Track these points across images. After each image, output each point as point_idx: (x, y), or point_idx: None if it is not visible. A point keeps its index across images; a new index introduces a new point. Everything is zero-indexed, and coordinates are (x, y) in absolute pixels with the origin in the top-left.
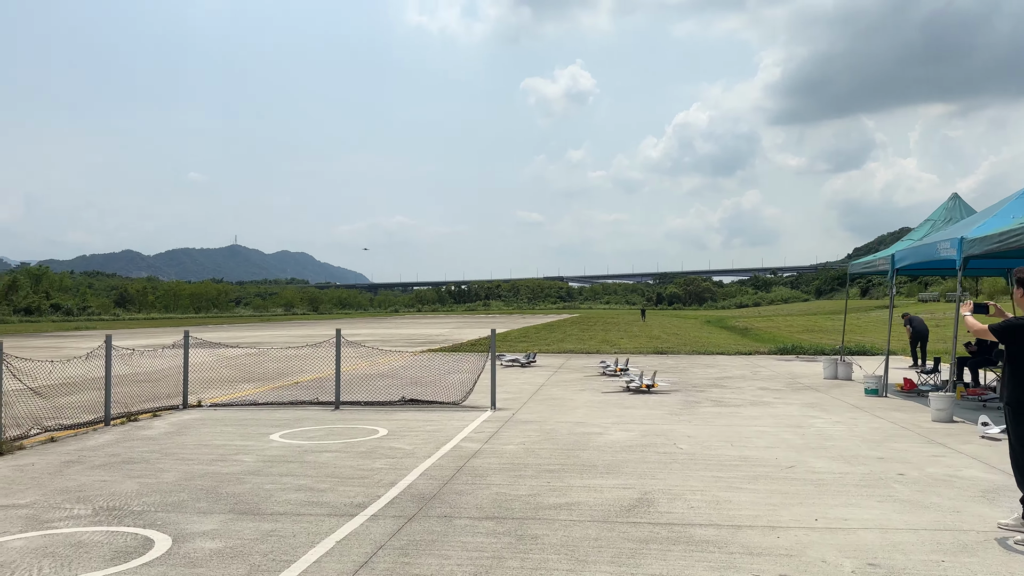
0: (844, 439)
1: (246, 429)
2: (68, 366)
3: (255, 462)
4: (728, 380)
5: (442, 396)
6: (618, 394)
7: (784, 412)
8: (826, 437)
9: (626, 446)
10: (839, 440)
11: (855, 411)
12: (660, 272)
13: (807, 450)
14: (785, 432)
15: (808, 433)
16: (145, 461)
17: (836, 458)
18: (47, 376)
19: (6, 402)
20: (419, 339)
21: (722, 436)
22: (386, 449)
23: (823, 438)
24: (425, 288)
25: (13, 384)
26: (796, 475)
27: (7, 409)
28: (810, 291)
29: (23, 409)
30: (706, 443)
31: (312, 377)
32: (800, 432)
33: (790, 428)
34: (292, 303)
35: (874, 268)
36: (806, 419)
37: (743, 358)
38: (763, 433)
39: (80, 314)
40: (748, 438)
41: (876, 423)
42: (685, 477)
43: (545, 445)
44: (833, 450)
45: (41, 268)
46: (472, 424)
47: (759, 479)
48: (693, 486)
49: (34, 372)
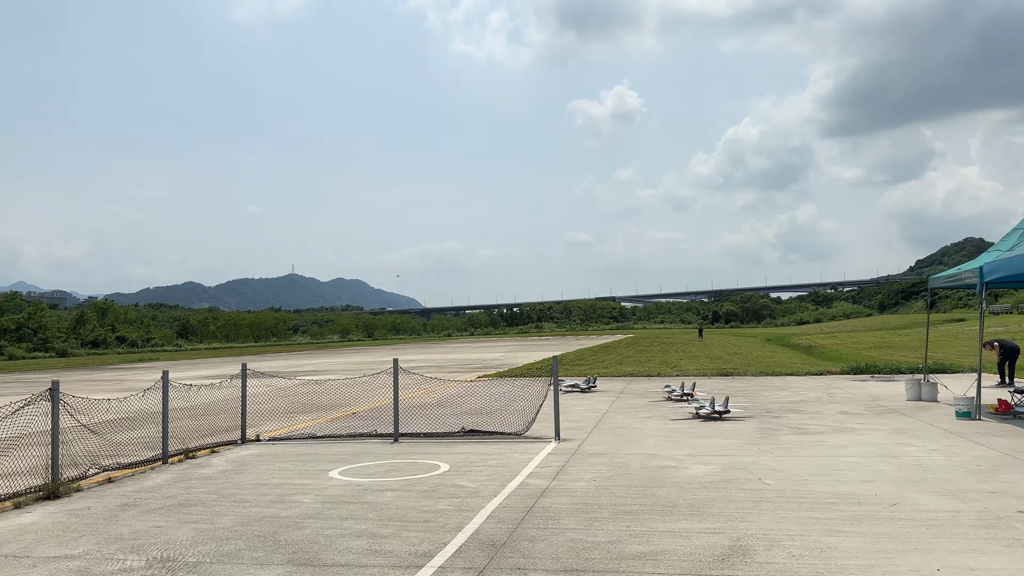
0: (946, 470)
1: (304, 465)
2: (128, 400)
3: (314, 503)
4: (804, 404)
5: (503, 426)
6: (688, 421)
7: (872, 439)
8: (925, 468)
9: (707, 482)
10: (941, 471)
11: (950, 437)
12: (715, 289)
13: (908, 484)
14: (879, 463)
15: (904, 463)
16: (201, 504)
17: (943, 493)
18: (106, 412)
19: (64, 440)
20: (474, 364)
21: (811, 469)
22: (449, 487)
23: (922, 469)
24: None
25: (71, 422)
26: (902, 514)
27: (65, 448)
28: (873, 306)
29: (82, 448)
30: (794, 477)
31: (369, 407)
32: (895, 462)
33: (883, 458)
34: (348, 330)
35: (959, 282)
36: (898, 447)
37: (815, 379)
38: (855, 464)
39: (144, 346)
40: (839, 470)
41: (977, 450)
42: (778, 519)
43: (618, 482)
44: (937, 483)
45: (107, 302)
46: (537, 457)
47: (862, 520)
48: (789, 529)
49: (93, 409)
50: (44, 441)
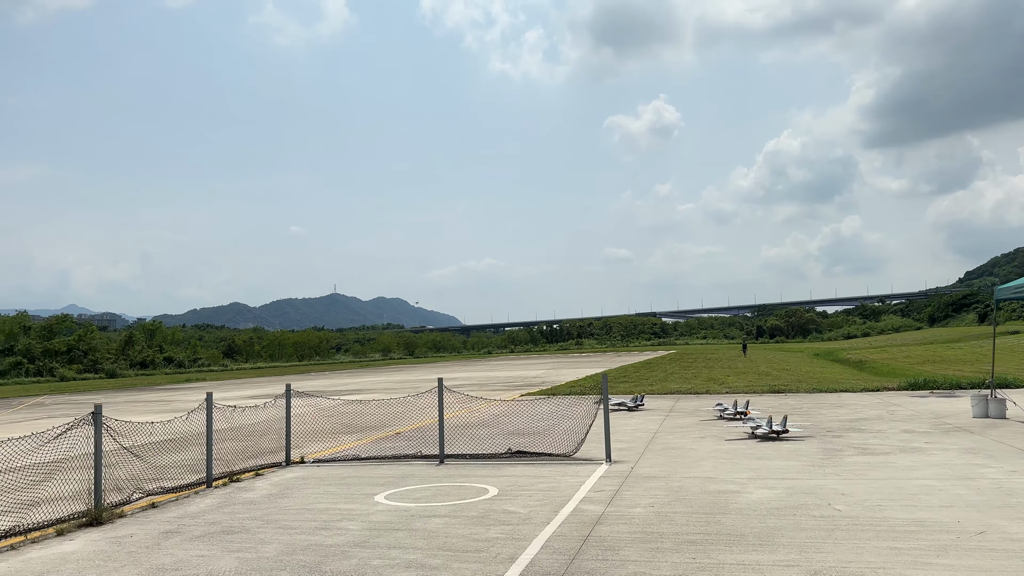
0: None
1: (350, 489)
2: (172, 422)
3: (360, 530)
4: (864, 422)
5: (551, 447)
6: (744, 441)
7: (944, 460)
8: (1008, 492)
9: (773, 508)
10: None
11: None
12: (758, 304)
13: (991, 509)
14: (955, 485)
15: (983, 487)
16: (245, 530)
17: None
18: (150, 434)
19: (108, 463)
20: (516, 382)
21: (883, 493)
22: (499, 513)
23: (1005, 493)
24: (517, 328)
25: (114, 445)
26: (992, 544)
27: (109, 472)
28: (922, 319)
29: (125, 471)
30: (867, 502)
31: (413, 427)
32: (973, 486)
33: (959, 480)
34: (389, 348)
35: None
36: (973, 468)
37: (871, 395)
38: (930, 488)
39: (191, 366)
40: (914, 495)
41: None
42: (857, 550)
43: (678, 508)
44: (1023, 508)
45: (155, 323)
46: (589, 481)
47: (948, 551)
48: (871, 562)
49: (137, 432)
50: (88, 464)
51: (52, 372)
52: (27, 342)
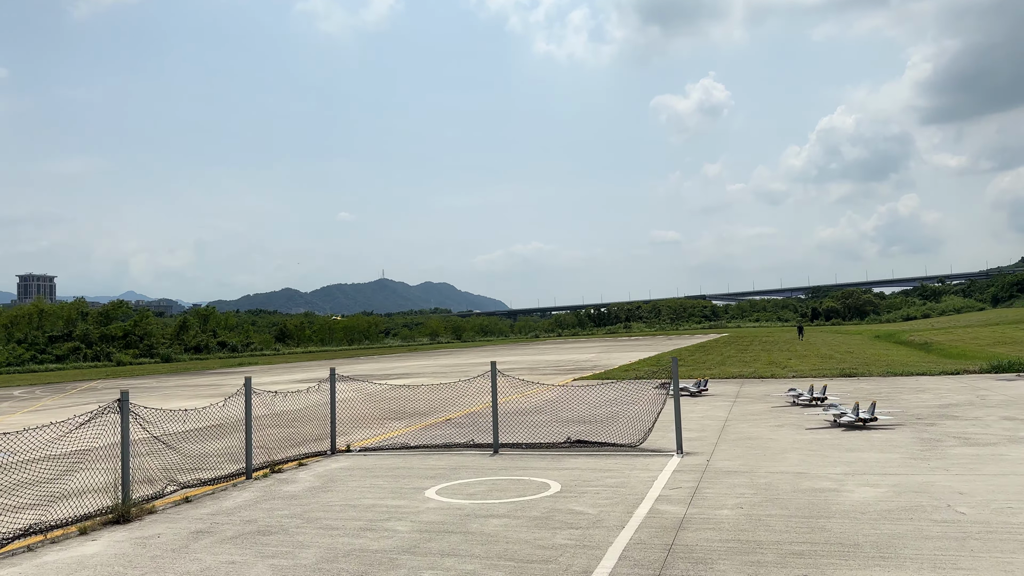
0: None
1: (398, 482)
2: (212, 408)
3: (410, 532)
4: (955, 408)
5: (614, 436)
6: (827, 430)
7: None
8: None
9: (883, 511)
10: None
11: None
12: (812, 286)
13: None
14: None
15: None
16: (283, 531)
17: None
18: (185, 422)
19: (139, 453)
20: (567, 365)
21: (1008, 492)
22: (565, 514)
23: None
24: (564, 312)
25: (147, 434)
26: None
27: (141, 462)
28: (985, 299)
29: (160, 462)
30: (993, 504)
31: (464, 412)
32: None
33: None
34: (437, 332)
35: None
36: None
37: (953, 379)
38: None
39: (244, 350)
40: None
41: None
42: (1002, 567)
43: (771, 509)
44: None
45: (208, 308)
46: (662, 475)
47: None
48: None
49: (171, 419)
50: (118, 454)
51: (109, 357)
52: (85, 327)
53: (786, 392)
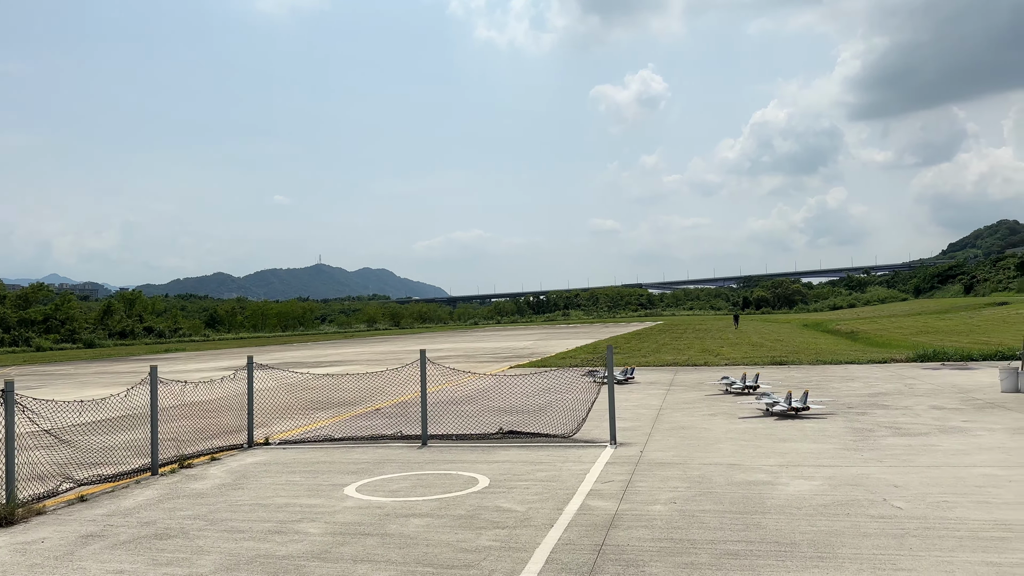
0: None
1: (316, 478)
2: (126, 397)
3: (322, 535)
4: (885, 397)
5: (547, 426)
6: (760, 420)
7: (994, 443)
8: None
9: (819, 505)
10: None
11: None
12: (744, 275)
13: None
14: (1023, 474)
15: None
16: (183, 534)
17: None
18: (99, 411)
19: (30, 446)
20: (504, 353)
21: (943, 485)
22: (492, 511)
23: None
24: (503, 300)
25: (45, 425)
26: None
27: (32, 456)
28: (908, 290)
29: (56, 457)
30: (929, 498)
31: (393, 401)
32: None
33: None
34: (374, 319)
35: None
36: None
37: (880, 368)
38: (995, 479)
39: (172, 336)
40: (980, 487)
41: None
42: (944, 566)
43: (705, 505)
44: None
45: (134, 292)
46: (594, 468)
47: None
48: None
49: (69, 411)
50: (28, 445)
51: (28, 342)
52: (2, 311)
53: (719, 380)
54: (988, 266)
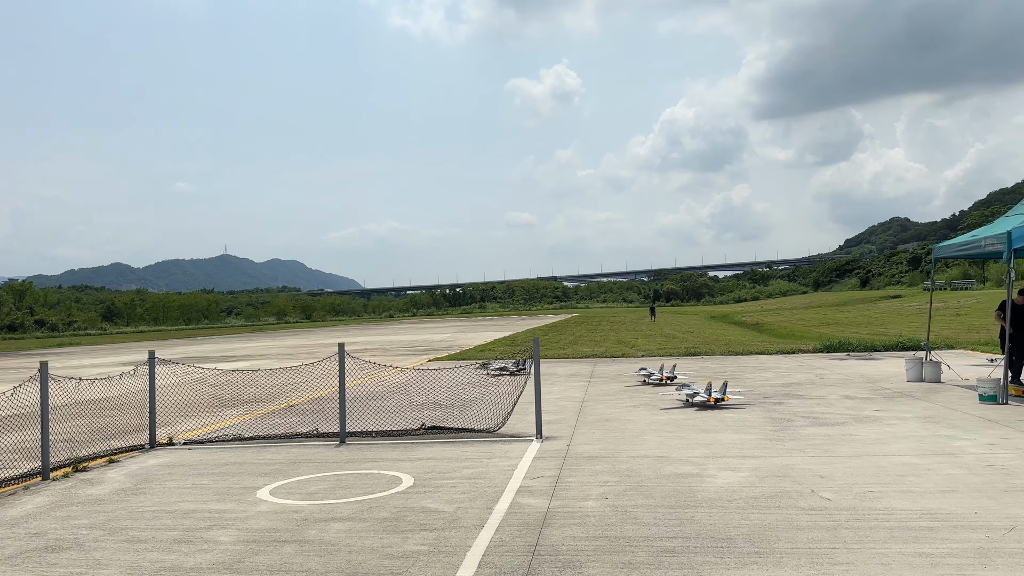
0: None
1: (226, 481)
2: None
3: (234, 544)
4: (798, 387)
5: (471, 420)
6: (682, 411)
7: (908, 431)
8: (1004, 470)
9: (749, 497)
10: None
11: (996, 427)
12: (654, 269)
13: (1002, 495)
14: (940, 463)
15: (972, 463)
16: (77, 546)
17: None
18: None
19: None
20: (421, 346)
21: (866, 474)
22: (418, 513)
23: (1001, 472)
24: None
25: None
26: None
27: None
28: (808, 283)
29: None
30: (855, 489)
31: (308, 398)
32: (959, 462)
33: (940, 456)
34: (284, 311)
35: (977, 250)
36: (946, 441)
37: (790, 358)
38: (914, 467)
39: (66, 330)
40: (902, 476)
41: None
42: (880, 559)
43: (637, 499)
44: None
45: (24, 283)
46: (522, 464)
47: (991, 556)
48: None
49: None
50: None
51: None
52: None
53: (636, 371)
54: (882, 261)
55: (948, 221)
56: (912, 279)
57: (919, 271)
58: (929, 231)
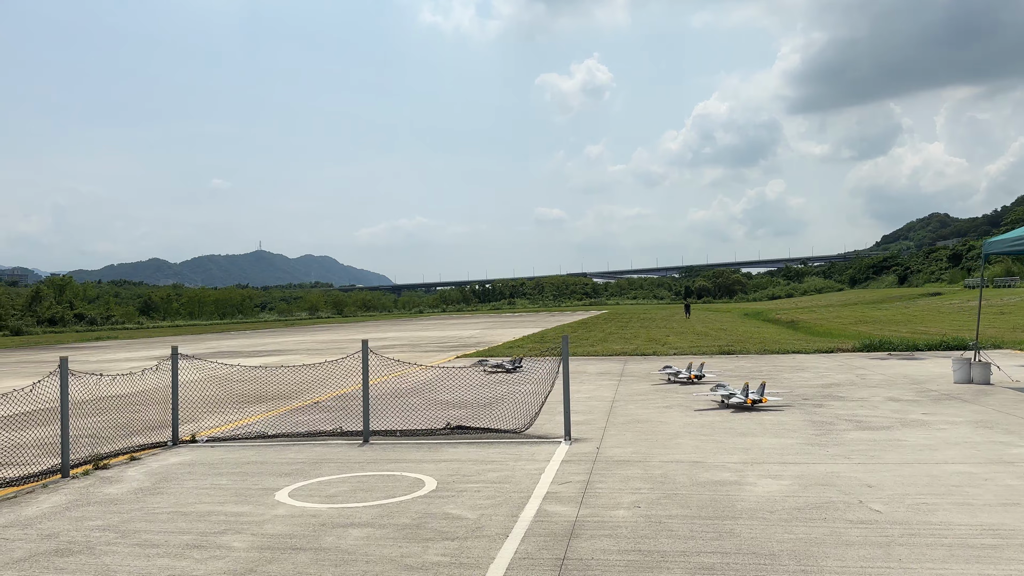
0: None
1: (245, 481)
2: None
3: (247, 550)
4: (839, 388)
5: (497, 420)
6: (716, 412)
7: (959, 437)
8: None
9: (792, 508)
10: None
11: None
12: (685, 265)
13: None
14: (997, 473)
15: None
16: (88, 550)
17: None
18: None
19: None
20: (450, 342)
21: (917, 484)
22: (440, 519)
23: None
24: (448, 288)
25: None
26: None
27: None
28: (843, 280)
29: None
30: (907, 500)
31: (333, 394)
32: (1019, 472)
33: (997, 466)
34: (317, 306)
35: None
36: (1001, 448)
37: (828, 357)
38: (970, 477)
39: (104, 323)
40: (957, 487)
41: None
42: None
43: (671, 509)
44: None
45: (65, 278)
46: (549, 467)
47: None
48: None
49: None
50: None
51: None
52: None
53: (660, 370)
54: (921, 258)
55: (989, 217)
56: (952, 276)
57: (959, 268)
58: (970, 227)
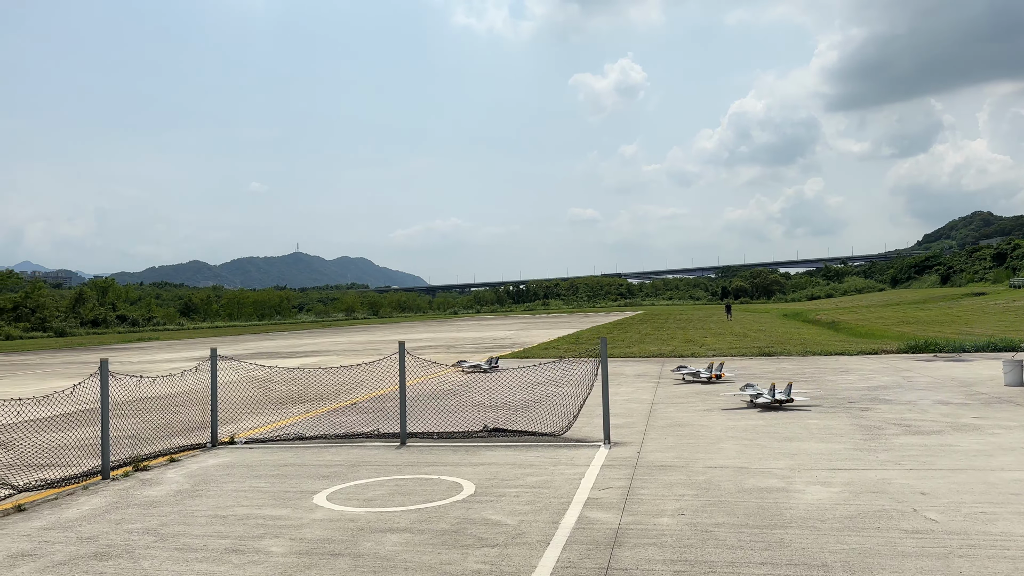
0: None
1: (284, 484)
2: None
3: (286, 555)
4: (885, 391)
5: (535, 423)
6: (759, 415)
7: (1015, 442)
8: None
9: (843, 517)
10: None
11: None
12: (722, 265)
13: None
14: None
15: None
16: (127, 554)
17: None
18: (53, 406)
19: None
20: (485, 343)
21: (973, 492)
22: (479, 525)
23: None
24: (483, 289)
25: None
26: None
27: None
28: (885, 280)
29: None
30: (962, 508)
31: (371, 395)
32: None
33: None
34: (353, 308)
35: None
36: None
37: (872, 359)
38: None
39: (145, 325)
40: (1016, 495)
41: None
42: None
43: (717, 517)
44: None
45: (107, 280)
46: (589, 472)
47: None
48: None
49: (28, 406)
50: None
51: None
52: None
53: (674, 370)
54: (964, 257)
55: None
56: (997, 275)
57: (1004, 267)
58: (1014, 225)
